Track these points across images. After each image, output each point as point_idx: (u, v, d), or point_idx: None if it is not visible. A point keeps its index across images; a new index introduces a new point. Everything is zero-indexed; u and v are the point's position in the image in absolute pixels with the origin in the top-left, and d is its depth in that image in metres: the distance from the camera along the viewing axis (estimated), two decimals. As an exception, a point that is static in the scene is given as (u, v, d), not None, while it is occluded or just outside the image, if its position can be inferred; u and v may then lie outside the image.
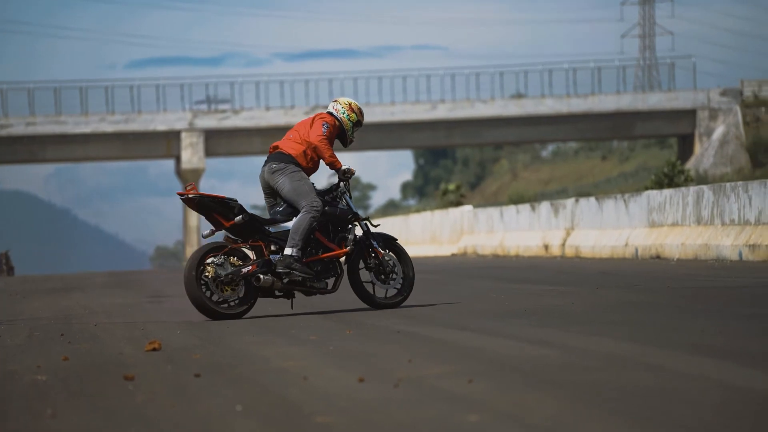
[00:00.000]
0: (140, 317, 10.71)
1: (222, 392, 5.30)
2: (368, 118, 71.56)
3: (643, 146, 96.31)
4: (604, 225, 24.93)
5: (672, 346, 6.17)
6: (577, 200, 26.90)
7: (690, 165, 65.68)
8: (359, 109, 11.19)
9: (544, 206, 28.76)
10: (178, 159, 72.29)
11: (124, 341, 8.15)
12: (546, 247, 27.62)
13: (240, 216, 10.18)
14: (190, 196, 10.20)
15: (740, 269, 15.78)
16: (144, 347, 7.42)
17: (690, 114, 71.88)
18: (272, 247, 10.26)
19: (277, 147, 10.91)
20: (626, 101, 71.87)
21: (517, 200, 44.65)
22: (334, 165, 10.87)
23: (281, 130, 71.54)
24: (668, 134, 76.71)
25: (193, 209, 10.26)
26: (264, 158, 11.13)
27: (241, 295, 10.02)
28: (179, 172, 72.29)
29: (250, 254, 10.31)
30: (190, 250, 73.77)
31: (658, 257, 21.77)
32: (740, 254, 18.97)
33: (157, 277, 23.35)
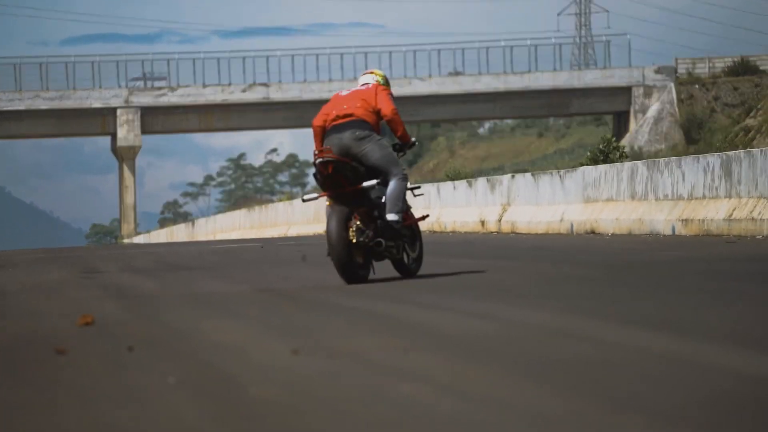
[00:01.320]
0: (74, 292, 10.61)
1: (156, 365, 5.25)
2: (306, 95, 71.35)
3: (579, 123, 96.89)
4: (540, 201, 25.05)
5: (607, 319, 6.20)
6: (513, 176, 27.00)
7: (625, 142, 66.11)
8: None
9: (481, 182, 28.84)
10: (114, 136, 71.73)
11: (56, 316, 8.06)
12: (483, 222, 27.71)
13: (374, 180, 10.17)
14: (327, 158, 10.04)
15: (673, 243, 15.91)
16: (77, 322, 7.33)
17: (625, 91, 72.36)
18: (375, 213, 10.25)
19: (351, 114, 10.53)
20: (562, 79, 72.21)
21: (454, 177, 44.77)
22: (406, 137, 10.78)
23: (218, 108, 71.21)
24: (604, 111, 77.18)
25: (325, 174, 10.07)
26: (201, 135, 11.01)
27: (362, 260, 10.04)
28: (115, 150, 71.77)
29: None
30: (127, 227, 73.32)
31: (593, 232, 21.91)
32: (673, 229, 19.13)
33: (91, 254, 23.19)
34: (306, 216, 46.98)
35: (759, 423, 3.32)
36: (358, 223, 9.99)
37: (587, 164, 40.64)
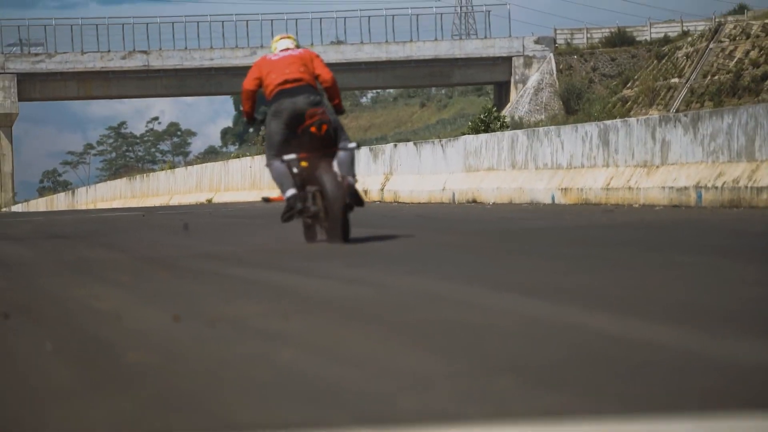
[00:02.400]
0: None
1: (32, 332, 5.20)
2: (187, 63, 70.69)
3: (461, 94, 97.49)
4: (422, 170, 25.19)
5: (483, 284, 6.28)
6: (395, 145, 27.10)
7: (506, 112, 66.73)
8: None
9: (363, 152, 28.90)
10: (-11, 103, 70.35)
11: (-70, 284, 7.92)
12: (365, 192, 27.78)
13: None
14: (323, 120, 10.33)
15: (552, 212, 16.13)
16: (-49, 290, 7.22)
17: (506, 61, 72.95)
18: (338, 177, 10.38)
19: (300, 79, 10.62)
20: (444, 48, 72.56)
21: (336, 146, 44.90)
22: (340, 105, 11.01)
23: (97, 75, 70.23)
24: (485, 82, 77.77)
25: (318, 136, 10.28)
26: (80, 102, 10.99)
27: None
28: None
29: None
30: (4, 196, 72.10)
31: (474, 201, 22.11)
32: (553, 197, 19.39)
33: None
34: (188, 185, 46.66)
35: (622, 379, 3.41)
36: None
37: (469, 134, 40.94)
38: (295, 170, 10.46)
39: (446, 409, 3.12)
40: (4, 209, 68.52)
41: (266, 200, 11.66)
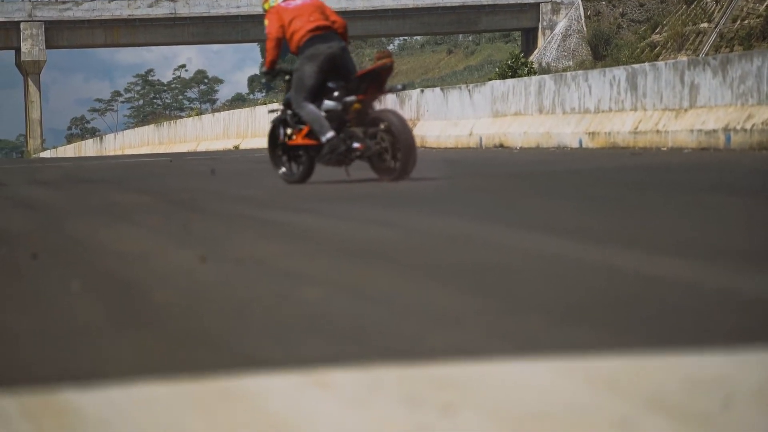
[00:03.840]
0: (-23, 205, 10.48)
1: (59, 273, 5.22)
2: (214, 11, 70.55)
3: (488, 40, 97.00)
4: (449, 115, 25.12)
5: (510, 225, 6.27)
6: (422, 91, 27.02)
7: (533, 58, 66.40)
8: None
9: (390, 98, 28.84)
10: (17, 50, 70.50)
11: (-42, 227, 7.96)
12: (391, 138, 27.77)
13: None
14: (388, 64, 10.79)
15: (580, 156, 16.08)
16: (-21, 232, 7.26)
17: (533, 8, 72.54)
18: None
19: (328, 27, 11.10)
20: (471, -6, 72.12)
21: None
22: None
23: (124, 23, 70.22)
24: (512, 28, 77.35)
25: (385, 77, 10.80)
26: (108, 50, 11.21)
27: None
28: (19, 64, 70.57)
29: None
30: (33, 143, 72.39)
31: (501, 146, 22.06)
32: (580, 142, 19.32)
33: (-4, 169, 22.88)
34: (215, 132, 46.71)
35: (649, 315, 3.40)
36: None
37: (496, 80, 40.81)
38: (337, 112, 10.74)
39: (474, 346, 3.11)
40: (33, 155, 68.80)
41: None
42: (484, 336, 3.24)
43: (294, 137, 11.23)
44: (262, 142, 37.74)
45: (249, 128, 41.82)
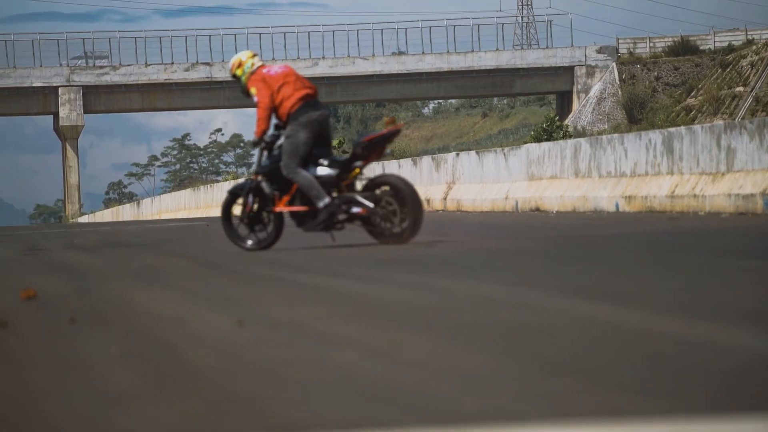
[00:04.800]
0: (16, 268, 10.57)
1: (97, 337, 5.25)
2: (249, 74, 71.18)
3: (523, 103, 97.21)
4: (484, 179, 25.16)
5: (544, 289, 6.27)
6: (458, 154, 27.09)
7: (568, 121, 66.46)
8: None
9: (426, 160, 28.92)
10: (56, 115, 71.14)
11: (-3, 290, 8.03)
12: (428, 201, 27.80)
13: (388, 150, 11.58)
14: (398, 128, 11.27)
15: (616, 220, 16.05)
16: (19, 295, 7.31)
17: (568, 71, 72.69)
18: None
19: (313, 93, 11.43)
20: (505, 58, 72.39)
21: (399, 156, 44.89)
22: None
23: (161, 87, 70.82)
24: (547, 91, 77.51)
25: (392, 141, 11.22)
26: (144, 114, 11.41)
27: None
28: (58, 129, 71.21)
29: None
30: (71, 207, 72.84)
31: (537, 210, 22.05)
32: (617, 205, 19.29)
33: (34, 233, 23.04)
34: (250, 195, 46.84)
35: (683, 380, 3.39)
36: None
37: (531, 143, 40.85)
38: (330, 177, 10.93)
39: (508, 409, 3.12)
40: (71, 220, 69.19)
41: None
42: (519, 400, 3.24)
43: (271, 205, 11.34)
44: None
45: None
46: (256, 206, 11.36)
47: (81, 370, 4.29)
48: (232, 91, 70.42)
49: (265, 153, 11.39)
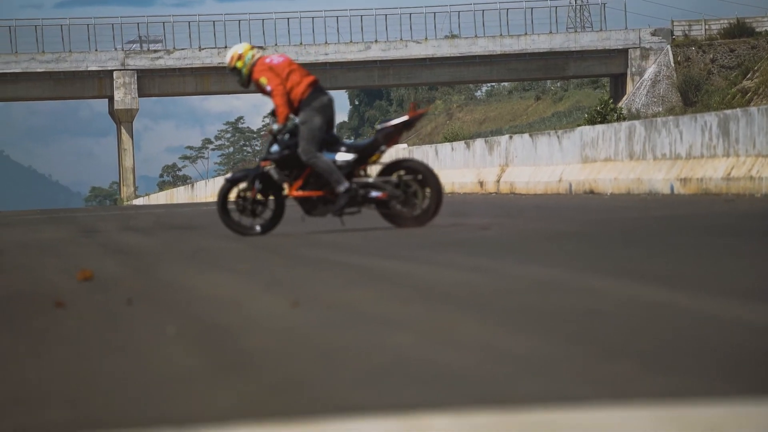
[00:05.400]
0: (73, 250, 10.65)
1: (153, 318, 5.29)
2: (302, 58, 71.16)
3: (576, 86, 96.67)
4: (538, 161, 25.08)
5: (600, 271, 6.24)
6: (511, 137, 27.02)
7: (622, 104, 66.05)
8: None
9: (479, 144, 28.86)
10: (111, 99, 71.57)
11: (55, 272, 8.10)
12: (481, 183, 27.74)
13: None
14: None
15: (671, 202, 15.95)
16: (76, 276, 7.37)
17: (622, 54, 72.21)
18: None
19: (318, 81, 11.58)
20: (558, 41, 72.04)
21: (452, 140, 44.77)
22: None
23: (214, 70, 71.09)
24: (601, 74, 77.05)
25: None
26: (198, 97, 11.59)
27: None
28: (113, 113, 71.67)
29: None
30: (126, 190, 73.35)
31: (591, 192, 21.95)
32: (672, 188, 19.17)
33: (90, 215, 23.21)
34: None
35: (740, 363, 3.37)
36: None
37: (585, 126, 40.63)
38: (348, 162, 11.26)
39: (566, 392, 3.11)
40: (126, 203, 69.66)
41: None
42: (574, 382, 3.23)
43: (277, 191, 11.39)
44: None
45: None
46: (259, 194, 11.41)
47: (138, 352, 4.33)
48: (285, 75, 70.53)
49: (269, 139, 11.47)
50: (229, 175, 11.66)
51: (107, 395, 3.45)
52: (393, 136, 11.27)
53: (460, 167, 29.72)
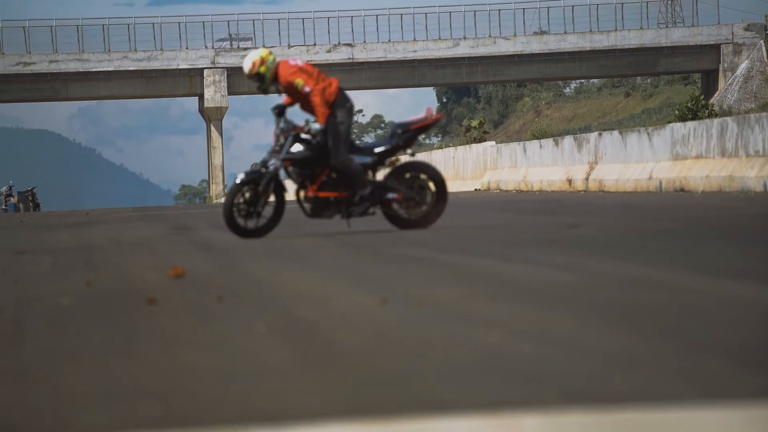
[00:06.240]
0: (163, 247, 10.77)
1: (244, 315, 5.33)
2: (390, 55, 71.24)
3: (667, 82, 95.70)
4: (627, 159, 24.88)
5: (690, 269, 6.18)
6: (600, 134, 26.83)
7: (714, 101, 65.29)
8: None
9: (568, 141, 28.70)
10: (201, 97, 72.19)
11: (147, 269, 8.20)
12: (569, 181, 27.58)
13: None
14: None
15: (765, 200, 15.74)
16: (168, 273, 7.45)
17: (714, 49, 71.37)
18: None
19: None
20: (649, 37, 71.37)
21: (540, 137, 44.58)
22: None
23: (303, 68, 71.36)
24: (692, 70, 76.18)
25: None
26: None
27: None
28: (203, 110, 72.29)
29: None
30: (215, 188, 73.96)
31: (682, 190, 21.73)
32: (765, 185, 18.92)
33: (180, 212, 23.44)
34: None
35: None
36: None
37: (675, 123, 40.23)
38: (367, 165, 11.29)
39: (657, 389, 3.09)
40: (215, 200, 70.25)
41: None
42: (667, 379, 3.21)
43: (285, 191, 11.38)
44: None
45: (426, 172, 42.08)
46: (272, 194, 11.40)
47: (229, 348, 4.37)
48: (374, 72, 70.74)
49: (289, 139, 11.33)
50: (240, 177, 11.45)
51: (199, 391, 3.49)
52: (413, 139, 11.31)
53: (548, 165, 29.59)
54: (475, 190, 34.41)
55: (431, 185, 11.29)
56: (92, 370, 3.94)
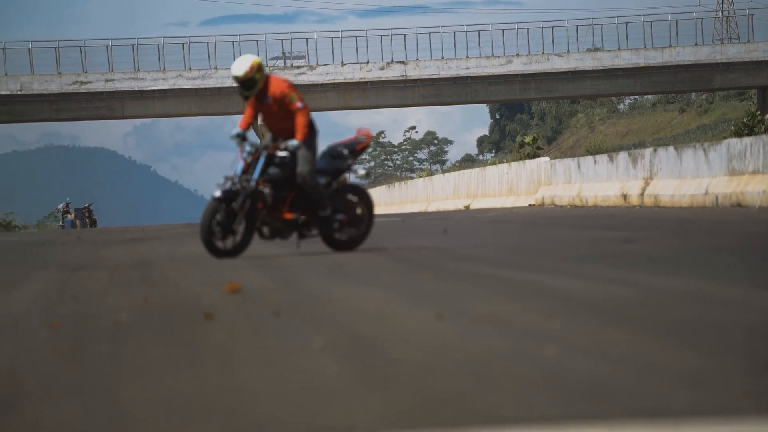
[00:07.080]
0: (218, 263, 10.79)
1: (300, 330, 5.33)
2: (443, 72, 71.24)
3: (722, 98, 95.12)
4: (683, 174, 24.72)
5: (750, 285, 6.12)
6: (655, 150, 26.69)
7: (770, 116, 64.70)
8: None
9: (622, 157, 28.56)
10: (254, 115, 72.29)
11: (203, 284, 8.22)
12: (624, 196, 27.44)
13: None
14: None
15: (822, 216, 15.58)
16: (224, 289, 7.47)
17: (770, 65, 70.80)
18: None
19: None
20: (704, 53, 70.96)
21: (594, 152, 44.41)
22: None
23: (356, 86, 71.62)
24: (747, 86, 75.69)
25: None
26: (340, 113, 12.02)
27: None
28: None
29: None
30: (267, 205, 74.14)
31: (738, 205, 21.55)
32: (822, 202, 18.74)
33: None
34: (445, 192, 47.02)
35: None
36: None
37: (732, 138, 39.96)
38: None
39: (720, 407, 3.05)
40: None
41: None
42: (731, 397, 3.17)
43: (274, 212, 11.34)
44: (492, 202, 37.75)
45: (479, 188, 41.97)
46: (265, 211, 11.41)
47: (286, 363, 4.36)
48: (427, 89, 70.76)
49: (261, 159, 11.31)
50: (218, 193, 11.40)
51: (258, 408, 3.48)
52: (357, 158, 11.52)
53: (602, 180, 29.45)
54: (529, 205, 34.33)
55: (364, 209, 11.51)
56: (152, 386, 3.94)
